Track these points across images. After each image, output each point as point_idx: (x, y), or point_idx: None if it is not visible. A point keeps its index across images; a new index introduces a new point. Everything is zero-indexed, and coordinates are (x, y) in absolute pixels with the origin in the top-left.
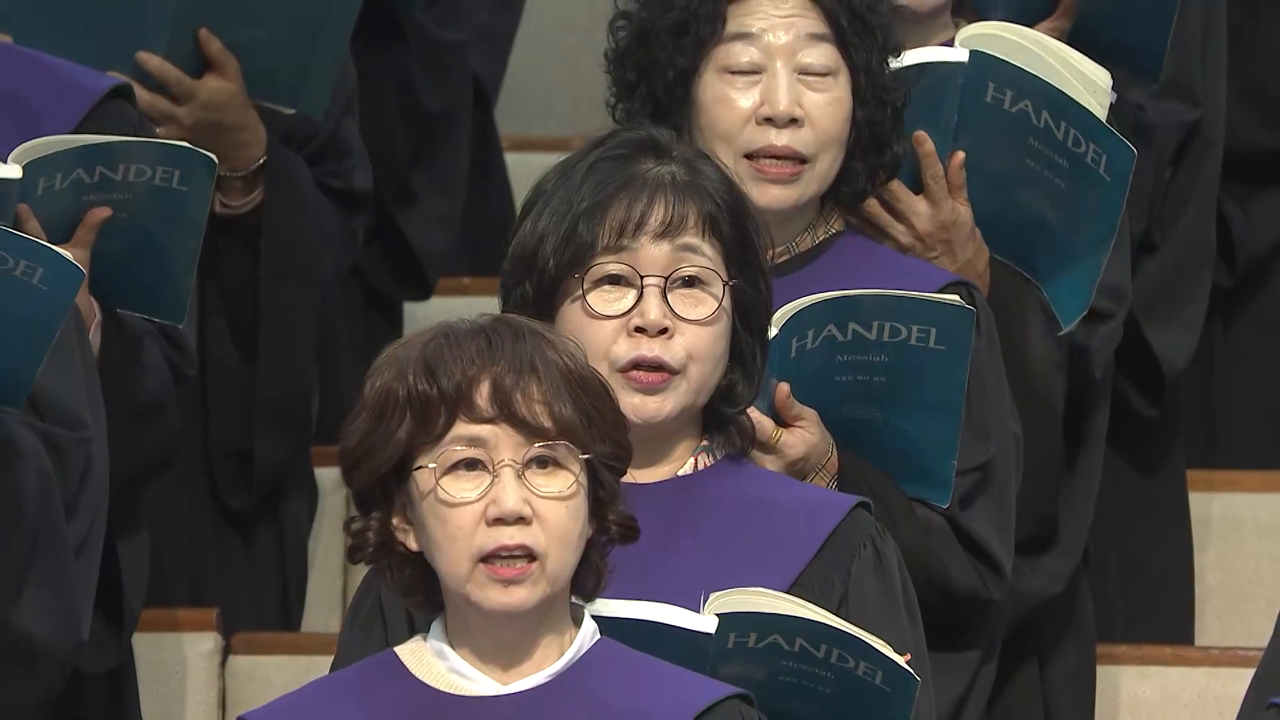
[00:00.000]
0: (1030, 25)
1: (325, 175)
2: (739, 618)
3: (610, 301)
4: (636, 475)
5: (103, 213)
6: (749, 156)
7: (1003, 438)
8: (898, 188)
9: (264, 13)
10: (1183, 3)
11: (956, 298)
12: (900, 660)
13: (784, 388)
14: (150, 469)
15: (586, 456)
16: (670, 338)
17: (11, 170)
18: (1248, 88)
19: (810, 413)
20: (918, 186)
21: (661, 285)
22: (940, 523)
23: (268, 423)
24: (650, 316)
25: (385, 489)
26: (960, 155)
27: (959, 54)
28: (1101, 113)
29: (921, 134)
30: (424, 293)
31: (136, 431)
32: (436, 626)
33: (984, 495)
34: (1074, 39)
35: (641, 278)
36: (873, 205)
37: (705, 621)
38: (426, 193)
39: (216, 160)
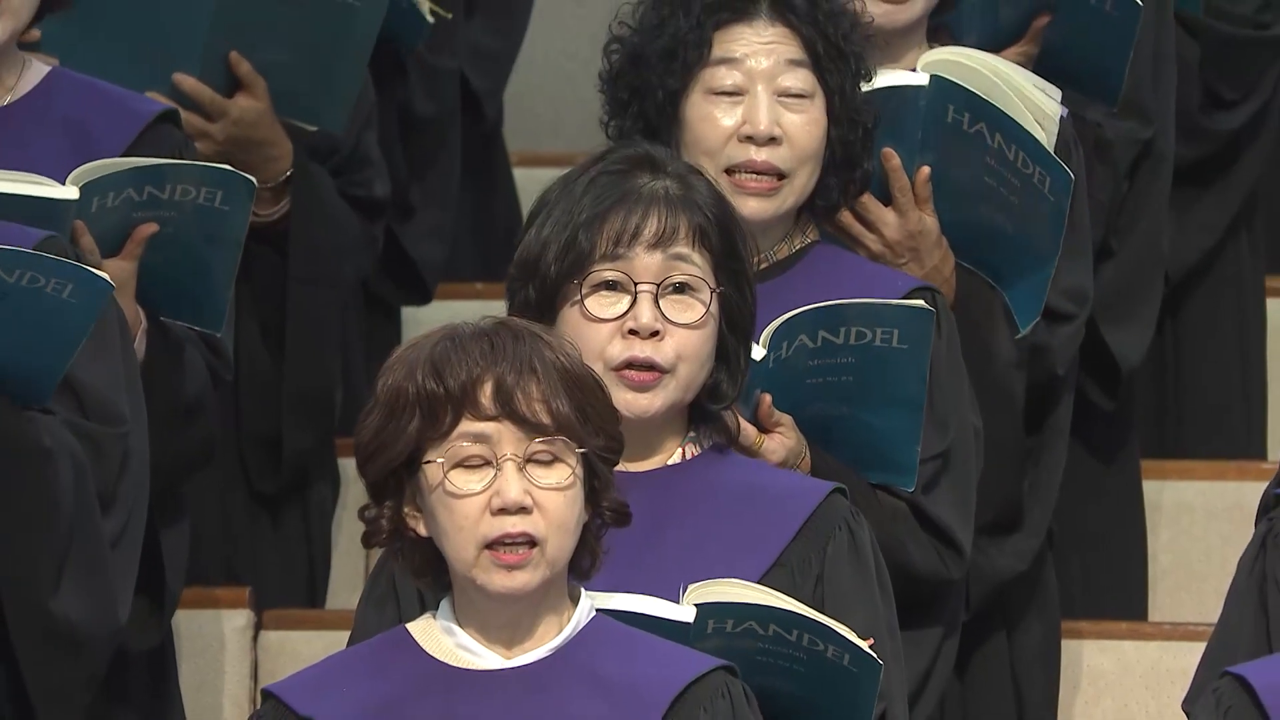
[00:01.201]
0: (1000, 50)
1: (348, 185)
2: (715, 607)
3: (606, 305)
4: (630, 465)
5: (149, 228)
6: (730, 171)
7: (962, 429)
8: (868, 200)
9: (289, 37)
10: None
11: (920, 302)
12: (864, 645)
13: (766, 399)
14: (190, 465)
15: (582, 450)
16: (661, 340)
17: (70, 192)
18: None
19: (787, 419)
20: (887, 199)
21: (654, 291)
22: (903, 509)
23: (294, 414)
24: (643, 320)
25: (397, 480)
26: (926, 170)
27: (921, 78)
28: (1048, 139)
29: (889, 150)
30: (424, 299)
31: (177, 431)
32: (445, 605)
33: (944, 481)
34: (1040, 64)
35: (635, 284)
36: (845, 216)
37: (684, 611)
38: (421, 206)
39: (255, 181)
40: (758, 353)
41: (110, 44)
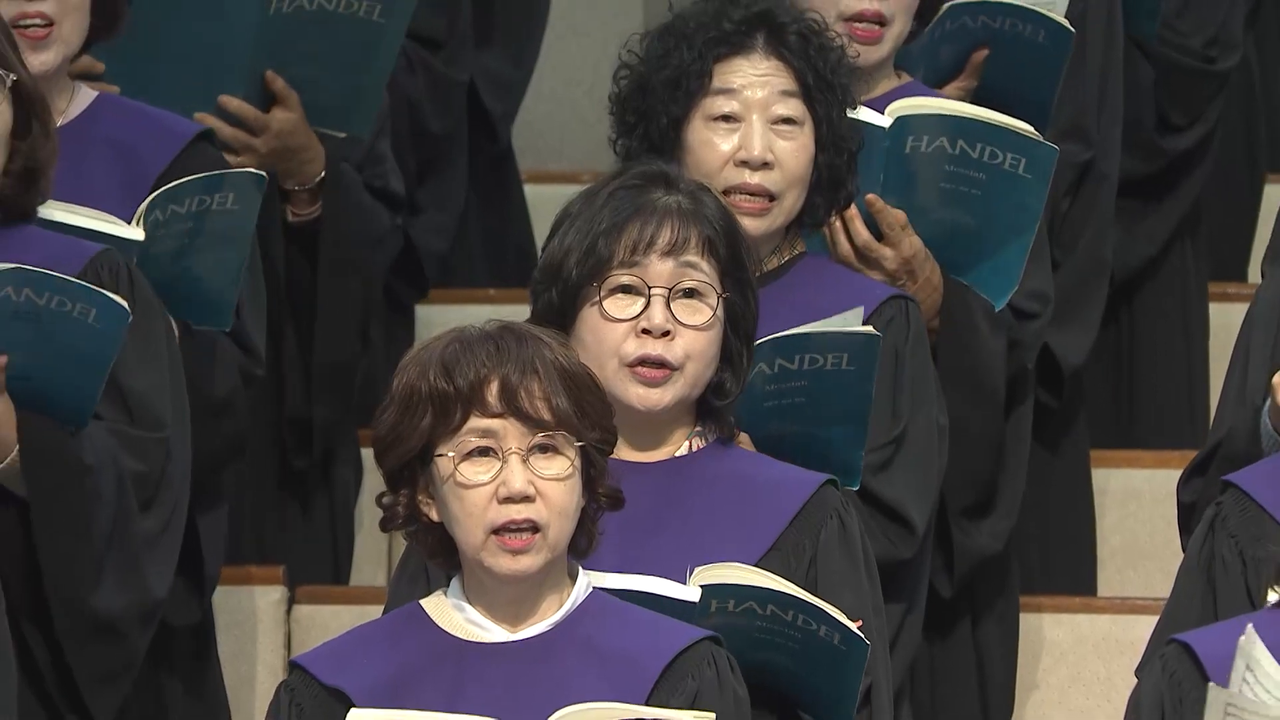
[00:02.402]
0: (941, 84)
1: (368, 178)
2: (719, 588)
3: (622, 307)
4: (641, 456)
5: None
6: (727, 192)
7: (925, 422)
8: (869, 240)
9: (320, 55)
10: (1081, 57)
11: (869, 328)
12: (853, 626)
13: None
14: (220, 460)
15: (580, 443)
16: (671, 339)
17: (136, 233)
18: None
19: (901, 215)
20: (877, 233)
21: (665, 295)
22: (854, 499)
23: (322, 387)
24: (655, 321)
25: (411, 470)
26: (901, 213)
27: (885, 120)
28: (1022, 126)
29: (873, 196)
30: (423, 290)
31: (208, 428)
32: (455, 584)
33: (897, 463)
34: (977, 97)
35: (649, 288)
36: (850, 259)
37: (690, 592)
38: (428, 206)
39: (266, 175)
40: None
41: (160, 70)
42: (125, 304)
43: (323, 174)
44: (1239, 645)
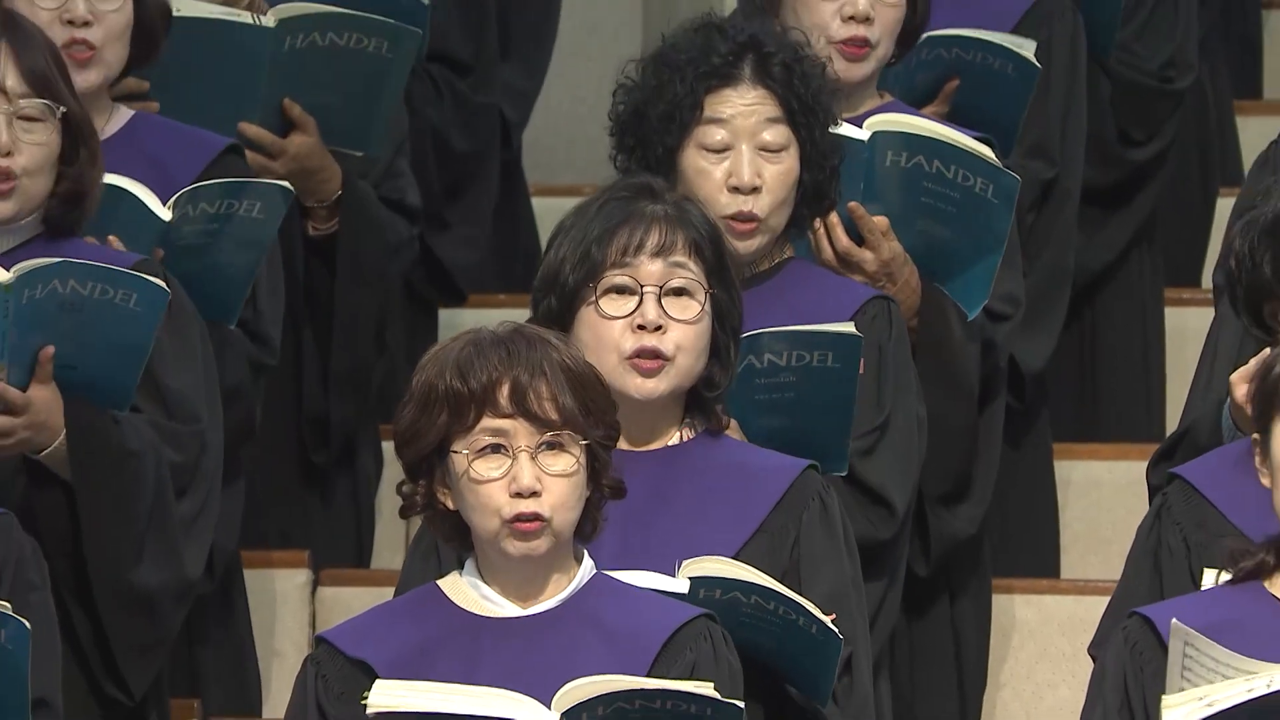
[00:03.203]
0: (917, 109)
1: (387, 190)
2: (706, 580)
3: (618, 306)
4: (636, 446)
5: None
6: (722, 217)
7: (906, 414)
8: (849, 245)
9: (334, 83)
10: (1046, 83)
11: (850, 326)
12: (828, 621)
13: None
14: (233, 440)
15: (585, 441)
16: (664, 333)
17: (165, 213)
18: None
19: (883, 221)
20: (858, 238)
21: (657, 293)
22: (839, 483)
23: (339, 390)
24: (648, 316)
25: (429, 462)
26: (884, 219)
27: (864, 134)
28: (988, 153)
29: (854, 204)
30: (459, 299)
31: (222, 411)
32: (470, 564)
33: (881, 448)
34: (949, 121)
35: (641, 287)
36: (832, 263)
37: (679, 584)
38: (459, 221)
39: (291, 189)
40: None
41: (190, 100)
42: (164, 284)
43: (340, 192)
44: (1172, 628)
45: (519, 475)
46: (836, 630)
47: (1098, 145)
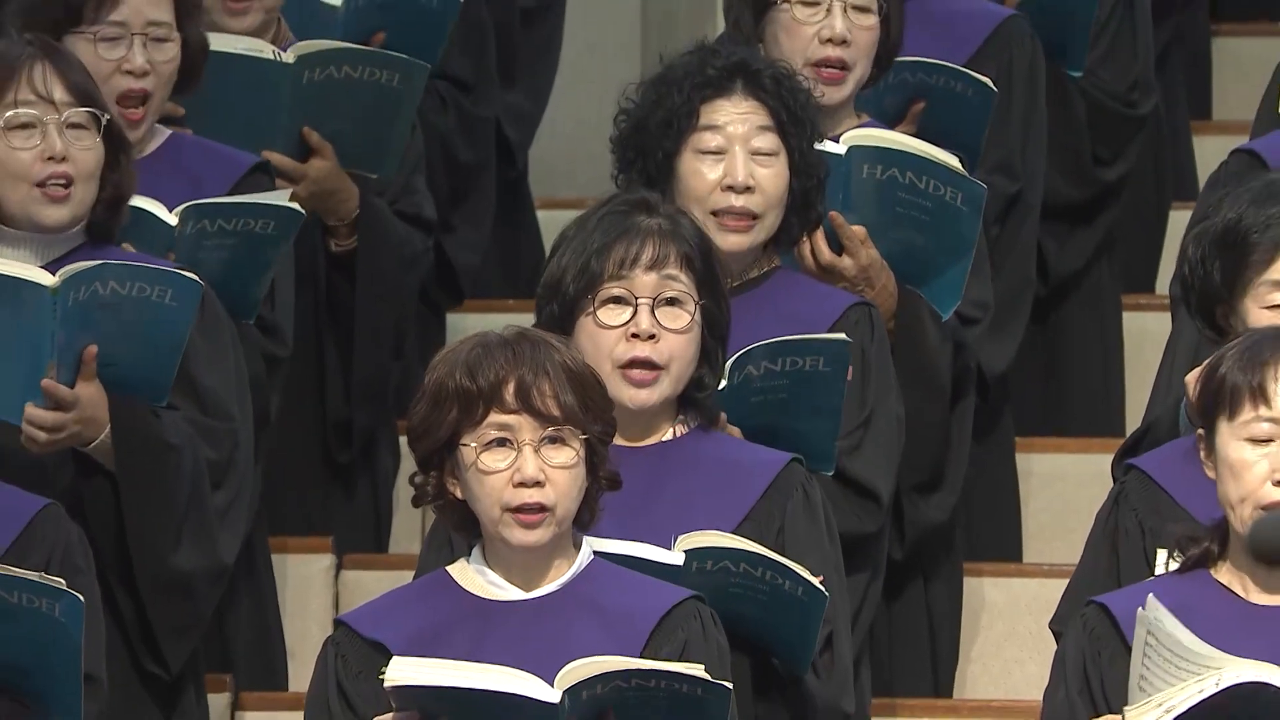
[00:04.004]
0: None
1: (404, 205)
2: (699, 551)
3: (614, 315)
4: (633, 442)
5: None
6: (715, 214)
7: (887, 411)
8: (832, 258)
9: (348, 112)
10: (1008, 104)
11: (841, 335)
12: (815, 581)
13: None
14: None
15: (584, 435)
16: (656, 342)
17: (173, 219)
18: (1058, 154)
19: (861, 230)
20: (838, 247)
21: (650, 303)
22: (828, 481)
23: (359, 396)
24: (642, 325)
25: (439, 455)
26: (861, 229)
27: (840, 149)
28: (956, 164)
29: (835, 213)
30: (459, 298)
31: None
32: (477, 551)
33: (866, 443)
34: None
35: (636, 298)
36: (814, 271)
37: (675, 556)
38: (462, 226)
39: (302, 210)
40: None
41: (213, 126)
42: (196, 278)
43: (358, 211)
44: (1138, 616)
45: (523, 466)
46: (822, 589)
47: (1074, 163)
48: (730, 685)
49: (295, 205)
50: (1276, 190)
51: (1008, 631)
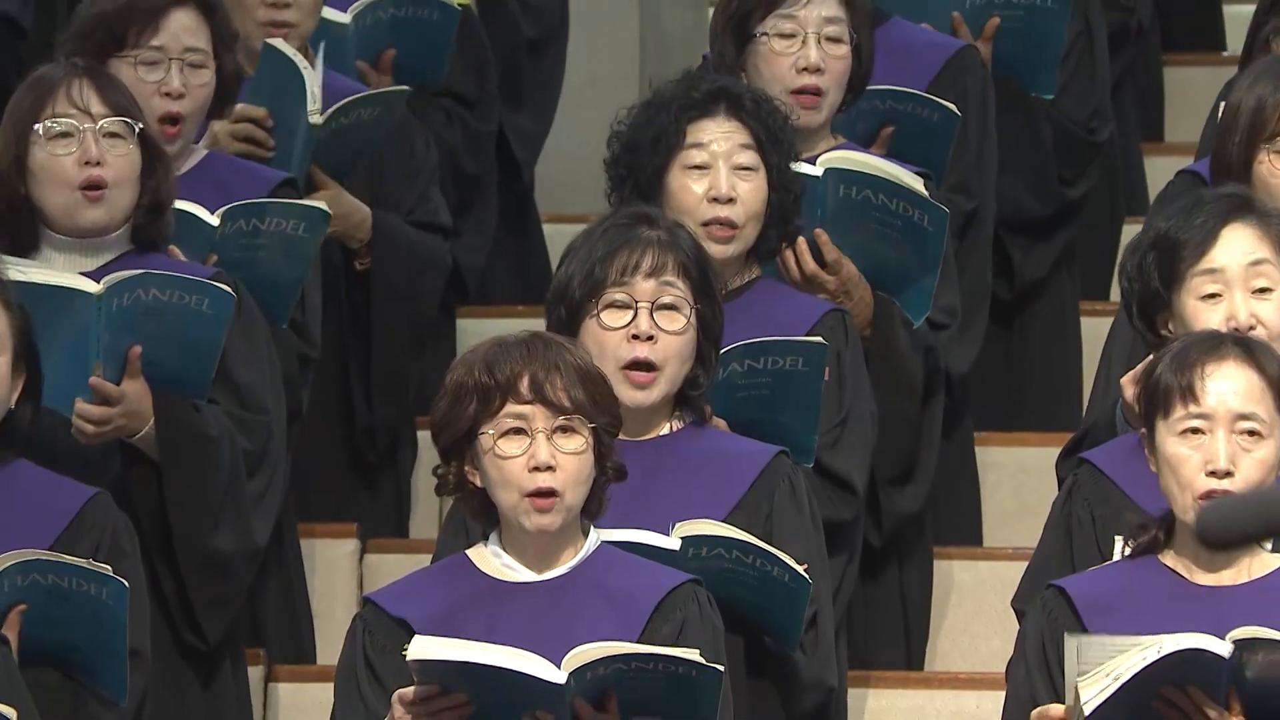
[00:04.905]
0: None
1: (421, 214)
2: (695, 539)
3: (616, 318)
4: (633, 437)
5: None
6: (702, 224)
7: (861, 409)
8: (816, 268)
9: (352, 148)
10: (964, 129)
11: (818, 338)
12: (800, 569)
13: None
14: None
15: (592, 425)
16: (654, 343)
17: (214, 220)
18: (1026, 171)
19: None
20: (822, 262)
21: (649, 308)
22: (809, 473)
23: (381, 398)
24: (642, 328)
25: (460, 447)
26: (843, 259)
27: (817, 170)
28: (921, 188)
29: (820, 230)
30: (465, 297)
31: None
32: (493, 536)
33: (843, 441)
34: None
35: (636, 303)
36: (799, 282)
37: (672, 542)
38: (468, 231)
39: (328, 210)
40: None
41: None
42: (230, 290)
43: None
44: (1065, 641)
45: (537, 452)
46: (807, 576)
47: (1041, 183)
48: (722, 667)
49: (322, 205)
50: (1201, 201)
51: (974, 609)
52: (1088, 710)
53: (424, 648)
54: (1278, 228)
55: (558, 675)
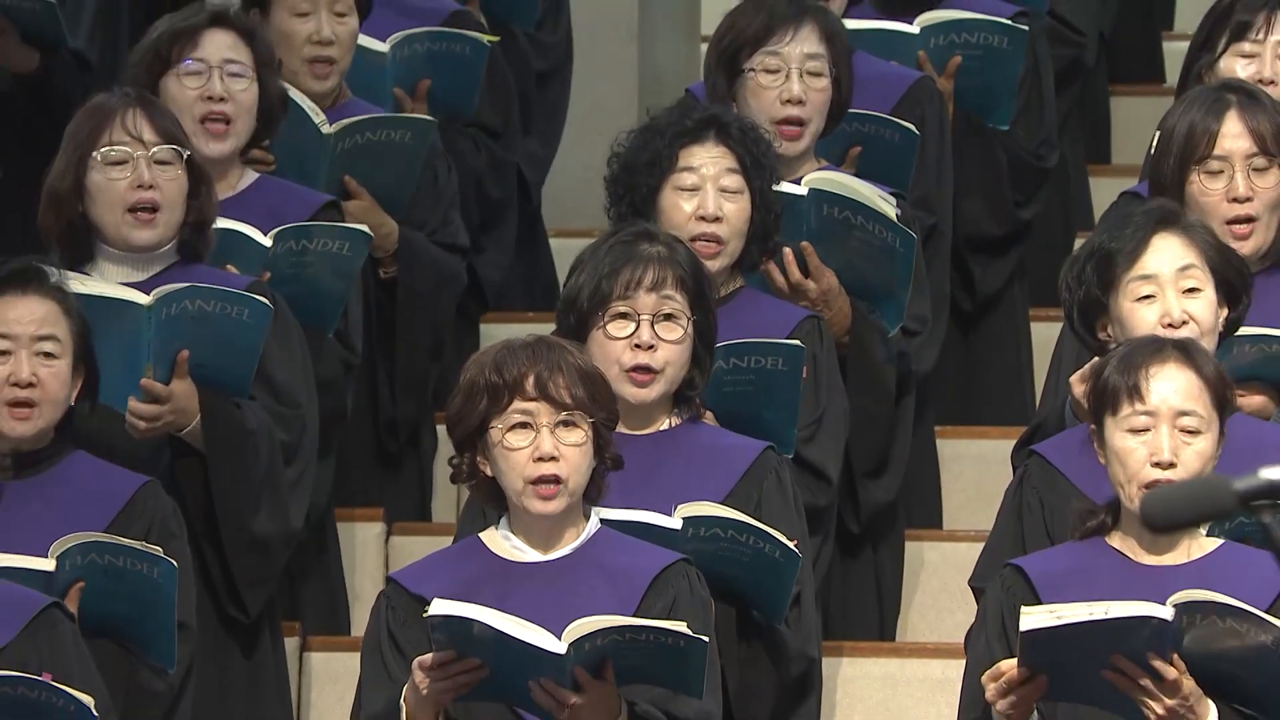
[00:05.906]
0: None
1: (443, 236)
2: (696, 519)
3: (620, 329)
4: (635, 431)
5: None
6: (690, 240)
7: (835, 407)
8: (801, 278)
9: (387, 164)
10: (923, 149)
11: (796, 341)
12: (790, 544)
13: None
14: (327, 421)
15: (592, 420)
16: (655, 351)
17: (267, 240)
18: (985, 195)
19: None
20: (806, 273)
21: (651, 319)
22: (789, 463)
23: (403, 395)
24: (643, 338)
25: (472, 439)
26: (829, 275)
27: (801, 190)
28: (893, 214)
29: (806, 243)
30: (485, 306)
31: (318, 400)
32: (503, 521)
33: (819, 435)
34: (862, 178)
35: (639, 315)
36: (784, 291)
37: (674, 522)
38: (490, 249)
39: (370, 232)
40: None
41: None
42: (268, 302)
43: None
44: (1023, 619)
45: (541, 444)
46: (797, 551)
47: (997, 206)
48: (707, 639)
49: (364, 229)
50: (1130, 215)
51: (940, 586)
52: (1023, 627)
53: (443, 605)
54: (1200, 236)
55: (558, 646)
